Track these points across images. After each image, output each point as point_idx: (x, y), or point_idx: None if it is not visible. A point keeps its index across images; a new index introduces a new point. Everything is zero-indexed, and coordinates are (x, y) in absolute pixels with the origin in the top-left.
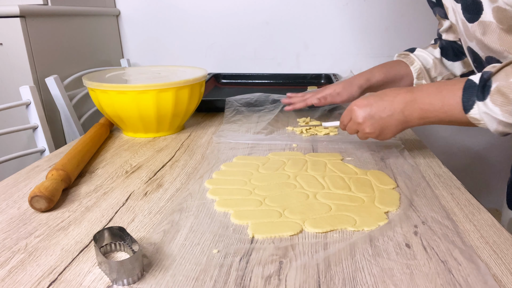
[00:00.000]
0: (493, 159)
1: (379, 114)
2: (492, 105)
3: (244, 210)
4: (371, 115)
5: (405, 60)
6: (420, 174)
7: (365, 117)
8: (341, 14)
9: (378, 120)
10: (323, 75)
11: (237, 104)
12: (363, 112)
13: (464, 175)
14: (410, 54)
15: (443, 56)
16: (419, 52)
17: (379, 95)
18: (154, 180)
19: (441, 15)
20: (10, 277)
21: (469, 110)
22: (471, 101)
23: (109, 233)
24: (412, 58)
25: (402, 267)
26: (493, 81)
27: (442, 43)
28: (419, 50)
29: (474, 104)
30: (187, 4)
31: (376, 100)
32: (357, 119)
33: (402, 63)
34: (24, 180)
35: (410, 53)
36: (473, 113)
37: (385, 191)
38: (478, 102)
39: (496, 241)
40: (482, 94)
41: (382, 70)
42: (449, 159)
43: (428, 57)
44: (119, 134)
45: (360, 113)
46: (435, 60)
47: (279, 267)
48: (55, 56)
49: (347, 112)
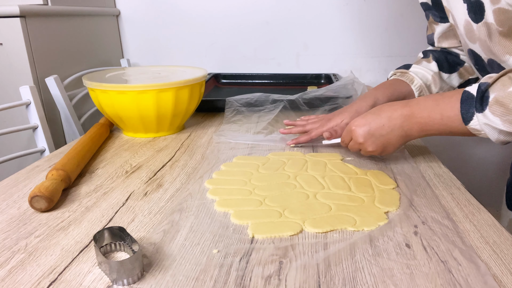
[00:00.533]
0: (493, 159)
1: (379, 132)
2: (492, 116)
3: (244, 210)
4: (371, 133)
5: (404, 79)
6: (420, 174)
7: (365, 136)
8: (341, 14)
9: (379, 137)
10: (323, 75)
11: (237, 104)
12: (362, 131)
13: (464, 175)
14: (409, 72)
15: (440, 69)
16: (416, 68)
17: (376, 112)
18: (154, 180)
19: (435, 19)
20: (10, 277)
21: (469, 121)
22: (470, 113)
23: (109, 233)
24: (411, 76)
25: (402, 267)
26: (491, 92)
27: (434, 55)
28: (415, 66)
29: (473, 116)
30: (187, 4)
31: (374, 118)
32: (358, 139)
33: (403, 82)
34: (24, 180)
35: (408, 71)
36: (473, 124)
37: (385, 191)
38: (477, 113)
39: (496, 241)
40: (481, 105)
41: (386, 93)
42: (449, 159)
43: (427, 73)
44: (119, 134)
45: (360, 133)
46: (434, 75)
47: (279, 267)
48: (55, 56)
49: (347, 132)
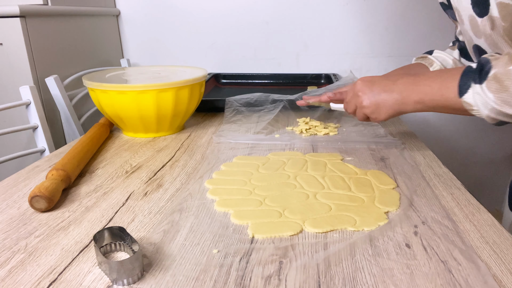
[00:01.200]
0: (493, 159)
1: (379, 89)
2: (487, 91)
3: (244, 210)
4: (371, 88)
5: (423, 62)
6: (420, 174)
7: (364, 89)
8: (341, 14)
9: (376, 94)
10: (323, 75)
11: (237, 104)
12: (364, 83)
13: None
14: (429, 56)
15: (462, 57)
16: (438, 53)
17: (385, 75)
18: (154, 180)
19: (453, 17)
20: (10, 277)
21: (464, 93)
22: (466, 85)
23: (109, 233)
24: (430, 60)
25: (402, 267)
26: (492, 67)
27: (460, 44)
28: (437, 51)
29: (469, 88)
30: (187, 4)
31: (381, 78)
32: (357, 90)
33: (421, 65)
34: (24, 180)
35: (429, 55)
36: (466, 98)
37: (385, 191)
38: (474, 85)
39: (496, 241)
40: (479, 78)
41: (400, 72)
42: (449, 159)
43: (447, 57)
44: (119, 134)
45: (362, 84)
46: (455, 60)
47: (279, 267)
48: (55, 56)
49: (351, 87)
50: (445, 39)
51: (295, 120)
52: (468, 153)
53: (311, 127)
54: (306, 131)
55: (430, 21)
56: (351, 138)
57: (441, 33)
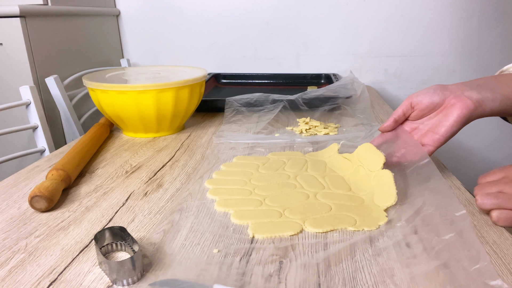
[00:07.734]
0: (493, 159)
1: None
2: None
3: (244, 210)
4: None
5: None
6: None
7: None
8: (341, 14)
9: None
10: (323, 75)
11: (237, 104)
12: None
13: (464, 175)
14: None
15: None
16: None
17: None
18: (154, 180)
19: None
20: (10, 277)
21: None
22: None
23: (110, 233)
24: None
25: (402, 267)
26: None
27: None
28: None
29: None
30: (187, 4)
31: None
32: None
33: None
34: (24, 180)
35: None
36: None
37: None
38: None
39: (496, 241)
40: None
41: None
42: (449, 159)
43: None
44: (119, 134)
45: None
46: None
47: (279, 267)
48: (55, 56)
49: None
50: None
51: (295, 120)
52: (469, 153)
53: (311, 127)
54: (306, 131)
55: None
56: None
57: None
